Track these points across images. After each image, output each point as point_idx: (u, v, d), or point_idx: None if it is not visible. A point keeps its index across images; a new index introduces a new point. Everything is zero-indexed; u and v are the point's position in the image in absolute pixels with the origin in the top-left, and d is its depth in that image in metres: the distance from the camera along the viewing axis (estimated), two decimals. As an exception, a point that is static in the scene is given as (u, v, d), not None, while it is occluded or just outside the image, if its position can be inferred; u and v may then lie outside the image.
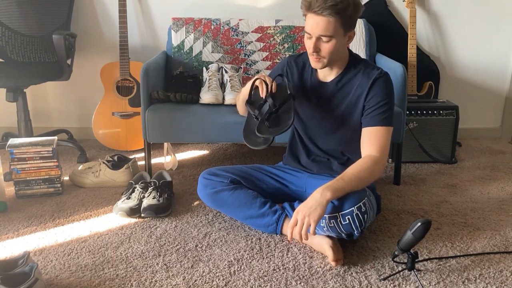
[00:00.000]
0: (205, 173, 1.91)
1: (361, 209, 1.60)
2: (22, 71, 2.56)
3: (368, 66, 1.78)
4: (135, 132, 2.78)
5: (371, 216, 1.68)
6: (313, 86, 1.83)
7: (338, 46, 1.66)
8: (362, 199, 1.62)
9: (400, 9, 2.94)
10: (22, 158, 2.16)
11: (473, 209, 2.11)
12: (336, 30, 1.62)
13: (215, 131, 2.23)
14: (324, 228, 1.66)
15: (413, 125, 2.62)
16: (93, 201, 2.17)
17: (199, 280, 1.57)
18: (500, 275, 1.61)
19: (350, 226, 1.61)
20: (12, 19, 2.65)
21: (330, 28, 1.61)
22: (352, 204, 1.60)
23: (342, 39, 1.66)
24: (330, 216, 1.62)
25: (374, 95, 1.73)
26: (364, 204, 1.61)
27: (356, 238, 1.68)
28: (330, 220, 1.63)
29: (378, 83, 1.73)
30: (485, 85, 3.08)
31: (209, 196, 1.87)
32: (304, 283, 1.56)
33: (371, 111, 1.73)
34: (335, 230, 1.65)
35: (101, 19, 2.90)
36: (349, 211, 1.60)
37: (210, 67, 2.47)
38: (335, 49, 1.66)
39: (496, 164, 2.68)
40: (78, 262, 1.67)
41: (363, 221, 1.61)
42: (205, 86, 2.36)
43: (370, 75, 1.74)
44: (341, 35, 1.65)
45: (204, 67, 2.49)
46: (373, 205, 1.71)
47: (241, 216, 1.87)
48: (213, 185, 1.86)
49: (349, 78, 1.78)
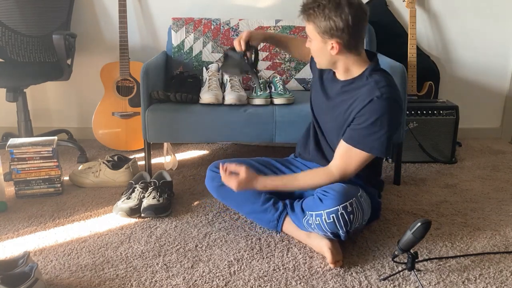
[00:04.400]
0: (213, 165, 1.92)
1: (347, 208, 1.58)
2: (22, 71, 2.56)
3: (379, 83, 1.61)
4: (135, 132, 2.78)
5: (360, 219, 1.63)
6: (328, 79, 1.80)
7: (317, 50, 1.65)
8: (350, 199, 1.59)
9: (400, 9, 2.94)
10: (22, 158, 2.16)
11: (473, 209, 2.11)
12: (313, 34, 1.63)
13: (215, 131, 2.23)
14: (311, 226, 1.67)
15: (413, 125, 2.62)
16: (93, 201, 2.17)
17: (199, 280, 1.57)
18: (500, 275, 1.61)
19: (335, 225, 1.60)
20: (12, 19, 2.65)
21: (308, 30, 1.64)
22: (338, 203, 1.58)
23: (320, 44, 1.62)
24: (316, 213, 1.63)
25: (363, 114, 1.61)
26: (351, 204, 1.59)
27: (344, 239, 1.65)
28: (315, 217, 1.63)
29: (371, 105, 1.59)
30: (485, 85, 3.08)
31: (216, 189, 1.89)
32: (304, 283, 1.56)
33: (354, 127, 1.64)
34: (320, 228, 1.64)
35: (101, 19, 2.90)
36: (334, 209, 1.58)
37: (210, 67, 2.47)
38: (316, 52, 1.67)
39: (496, 164, 2.68)
40: (78, 262, 1.67)
41: (348, 222, 1.59)
42: (205, 86, 2.36)
43: (370, 95, 1.60)
44: (319, 41, 1.62)
45: (204, 67, 2.49)
46: (364, 208, 1.64)
47: (245, 210, 1.88)
48: (220, 178, 1.86)
49: (355, 87, 1.68)
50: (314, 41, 1.64)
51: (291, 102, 2.30)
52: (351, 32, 1.56)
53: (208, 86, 2.34)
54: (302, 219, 1.71)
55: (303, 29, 2.65)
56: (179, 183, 2.37)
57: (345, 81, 1.71)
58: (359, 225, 1.67)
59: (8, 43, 2.67)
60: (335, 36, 1.57)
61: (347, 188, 1.63)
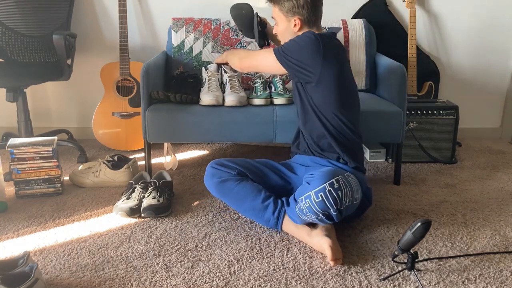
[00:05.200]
0: (213, 163, 1.95)
1: (334, 185, 1.63)
2: (22, 71, 2.56)
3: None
4: (135, 132, 2.78)
5: (349, 195, 1.67)
6: None
7: (283, 29, 1.95)
8: (335, 176, 1.65)
9: (400, 9, 2.94)
10: (22, 158, 2.16)
11: (473, 209, 2.11)
12: (278, 16, 1.93)
13: (215, 131, 2.23)
14: (303, 211, 1.69)
15: (413, 125, 2.62)
16: (93, 201, 2.17)
17: (199, 280, 1.57)
18: (500, 275, 1.61)
19: (325, 204, 1.63)
20: (12, 19, 2.65)
21: (274, 13, 1.95)
22: (324, 181, 1.64)
23: (285, 23, 1.92)
24: (305, 195, 1.66)
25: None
26: (337, 181, 1.64)
27: (337, 219, 1.68)
28: (305, 200, 1.67)
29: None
30: (485, 85, 3.08)
31: (215, 185, 1.90)
32: (304, 283, 1.56)
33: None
34: (312, 211, 1.67)
35: (101, 19, 2.90)
36: (321, 187, 1.63)
37: (209, 68, 2.46)
38: (281, 32, 1.97)
39: (496, 164, 2.68)
40: (78, 262, 1.67)
41: (337, 198, 1.63)
42: (204, 87, 2.36)
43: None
44: (284, 20, 1.92)
45: (203, 67, 2.49)
46: (352, 185, 1.69)
47: (244, 207, 1.88)
48: (220, 174, 1.90)
49: None
50: (280, 22, 1.95)
51: (291, 102, 2.30)
52: (309, 7, 1.87)
53: (208, 87, 2.34)
54: (295, 208, 1.74)
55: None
56: (179, 183, 2.37)
57: None
58: (350, 203, 1.69)
59: (8, 43, 2.67)
60: (296, 13, 1.88)
61: (333, 169, 1.73)
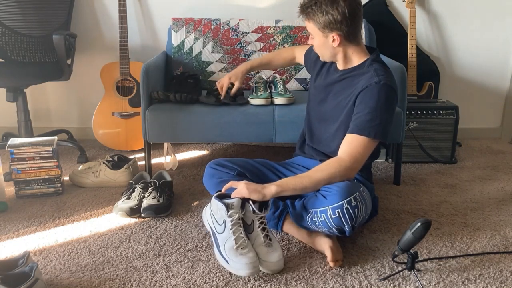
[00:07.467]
0: (212, 163, 1.93)
1: (351, 203, 1.59)
2: (22, 71, 2.56)
3: (378, 71, 1.71)
4: (135, 132, 2.78)
5: (363, 212, 1.65)
6: (329, 71, 1.90)
7: (320, 44, 1.77)
8: (353, 193, 1.61)
9: (400, 9, 2.94)
10: (22, 158, 2.16)
11: (473, 209, 2.11)
12: (314, 31, 1.74)
13: (215, 131, 2.23)
14: (316, 223, 1.67)
15: (413, 125, 2.62)
16: (93, 201, 2.17)
17: (199, 280, 1.57)
18: (500, 275, 1.61)
19: (340, 220, 1.61)
20: (12, 19, 2.65)
21: (309, 28, 1.76)
22: (342, 198, 1.59)
23: (322, 39, 1.74)
24: (321, 209, 1.63)
25: (361, 101, 1.70)
26: (355, 199, 1.60)
27: (349, 234, 1.65)
28: (320, 214, 1.64)
29: (368, 90, 1.68)
30: (485, 85, 3.08)
31: (215, 186, 1.89)
32: (304, 283, 1.56)
33: (355, 118, 1.70)
34: (326, 225, 1.64)
35: (101, 19, 2.90)
36: (338, 204, 1.59)
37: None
38: (318, 47, 1.79)
39: (496, 164, 2.68)
40: (78, 262, 1.67)
41: (353, 216, 1.60)
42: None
43: (369, 81, 1.70)
44: (320, 36, 1.73)
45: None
46: (366, 201, 1.67)
47: None
48: (220, 175, 1.88)
49: (356, 74, 1.77)
50: (316, 37, 1.76)
51: (291, 102, 2.30)
52: (349, 22, 1.67)
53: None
54: (306, 217, 1.71)
55: (303, 29, 2.65)
56: (179, 183, 2.37)
57: (345, 69, 1.81)
58: (363, 219, 1.68)
59: (8, 43, 2.67)
60: (334, 29, 1.69)
61: (350, 184, 1.65)
